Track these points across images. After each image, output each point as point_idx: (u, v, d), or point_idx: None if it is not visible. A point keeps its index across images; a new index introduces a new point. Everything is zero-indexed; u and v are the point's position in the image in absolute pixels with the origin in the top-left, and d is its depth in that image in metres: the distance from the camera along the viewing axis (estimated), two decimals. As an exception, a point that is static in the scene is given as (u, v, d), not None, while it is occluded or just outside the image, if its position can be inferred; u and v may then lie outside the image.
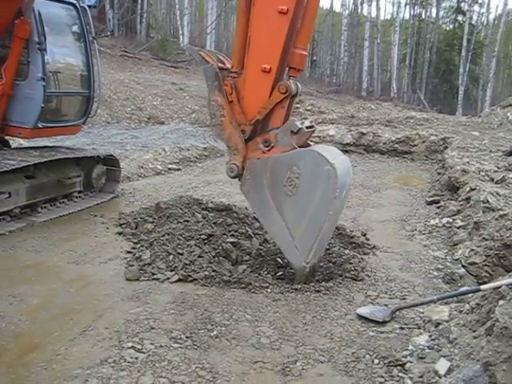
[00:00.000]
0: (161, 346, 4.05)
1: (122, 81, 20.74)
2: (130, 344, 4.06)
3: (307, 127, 5.42)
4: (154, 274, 5.36)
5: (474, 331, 3.91)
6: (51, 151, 7.60)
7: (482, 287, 4.24)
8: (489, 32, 47.97)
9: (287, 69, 5.29)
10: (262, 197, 5.34)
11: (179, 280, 5.27)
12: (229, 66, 5.65)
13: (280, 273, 5.62)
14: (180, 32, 38.00)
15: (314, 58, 50.80)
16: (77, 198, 8.07)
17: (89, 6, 8.97)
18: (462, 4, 45.85)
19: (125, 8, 33.58)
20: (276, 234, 5.39)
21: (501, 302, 3.71)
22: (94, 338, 4.15)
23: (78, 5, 8.05)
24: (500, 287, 3.92)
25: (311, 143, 5.65)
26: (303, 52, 5.26)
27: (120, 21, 33.54)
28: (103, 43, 25.73)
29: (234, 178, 5.56)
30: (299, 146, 5.26)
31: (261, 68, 5.18)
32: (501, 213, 6.09)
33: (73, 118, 8.13)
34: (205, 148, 12.86)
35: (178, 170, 11.00)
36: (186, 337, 4.21)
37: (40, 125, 7.36)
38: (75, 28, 7.96)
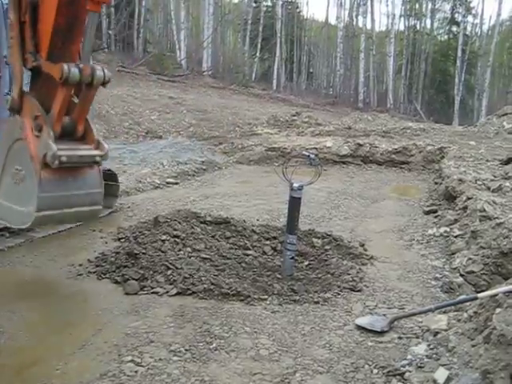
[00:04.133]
0: (160, 360, 4.06)
1: (120, 96, 20.86)
2: (129, 358, 4.06)
3: None
4: (152, 288, 5.37)
5: (473, 339, 3.92)
6: (49, 167, 7.59)
7: (479, 295, 4.26)
8: (483, 42, 48.29)
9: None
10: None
11: (178, 293, 5.28)
12: None
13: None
14: (177, 46, 38.30)
15: (311, 70, 51.09)
16: (75, 213, 8.06)
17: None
18: (456, 15, 46.26)
19: (121, 23, 33.83)
20: None
21: (498, 310, 3.73)
22: (93, 353, 4.15)
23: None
24: (497, 295, 3.95)
25: None
26: None
27: (117, 36, 33.79)
28: (100, 58, 25.91)
29: (9, 110, 4.70)
30: None
31: None
32: (497, 221, 6.12)
33: None
34: (202, 162, 12.91)
35: (176, 183, 11.03)
36: (186, 350, 4.21)
37: None
38: None
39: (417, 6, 48.23)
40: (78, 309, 4.96)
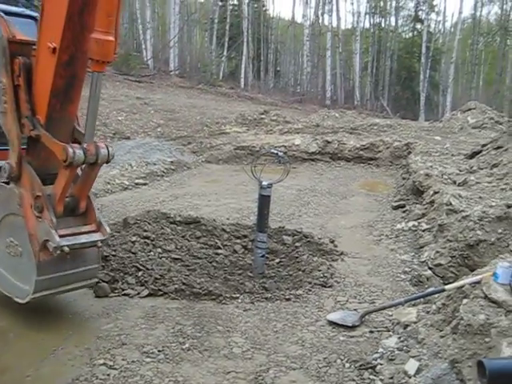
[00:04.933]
0: (133, 362, 4.04)
1: (86, 97, 20.54)
2: (101, 361, 4.03)
3: None
4: (123, 290, 5.33)
5: (441, 330, 4.01)
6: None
7: (447, 287, 4.36)
8: (446, 39, 49.11)
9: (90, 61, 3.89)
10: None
11: (149, 294, 5.26)
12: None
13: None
14: (143, 46, 37.95)
15: (278, 68, 51.23)
16: (43, 216, 7.92)
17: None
18: (420, 12, 46.89)
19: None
20: None
21: (465, 301, 3.82)
22: (64, 357, 4.10)
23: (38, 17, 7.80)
24: (463, 286, 4.04)
25: None
26: (106, 37, 3.74)
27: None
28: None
29: (7, 179, 4.46)
30: None
31: (47, 45, 3.96)
32: (463, 214, 6.25)
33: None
34: (171, 162, 12.82)
35: (145, 184, 10.93)
36: (158, 351, 4.20)
37: None
38: None
39: (381, 3, 48.74)
40: (48, 314, 4.89)
